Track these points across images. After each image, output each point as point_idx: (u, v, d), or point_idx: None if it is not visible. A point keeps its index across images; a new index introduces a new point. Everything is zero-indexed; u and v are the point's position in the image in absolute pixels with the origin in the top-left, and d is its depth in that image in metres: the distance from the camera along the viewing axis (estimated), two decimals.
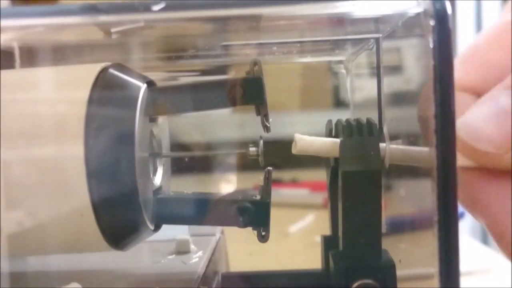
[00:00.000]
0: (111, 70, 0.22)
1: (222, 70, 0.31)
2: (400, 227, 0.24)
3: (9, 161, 0.20)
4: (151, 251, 0.28)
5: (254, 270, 0.29)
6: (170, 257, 0.28)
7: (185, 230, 0.29)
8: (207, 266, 0.27)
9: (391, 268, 0.21)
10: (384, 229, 0.24)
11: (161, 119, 0.25)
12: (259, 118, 0.24)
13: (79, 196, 0.20)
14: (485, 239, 0.80)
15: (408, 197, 0.24)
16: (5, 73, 0.22)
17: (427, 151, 0.18)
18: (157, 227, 0.23)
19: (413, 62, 0.22)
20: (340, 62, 0.30)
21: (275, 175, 0.24)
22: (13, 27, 0.20)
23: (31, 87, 0.22)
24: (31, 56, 0.22)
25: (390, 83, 0.25)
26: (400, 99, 0.26)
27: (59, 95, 0.22)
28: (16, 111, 0.21)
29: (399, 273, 0.22)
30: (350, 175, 0.21)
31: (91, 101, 0.20)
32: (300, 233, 0.56)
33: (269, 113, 0.23)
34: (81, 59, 0.27)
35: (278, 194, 0.67)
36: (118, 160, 0.20)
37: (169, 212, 0.24)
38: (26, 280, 0.24)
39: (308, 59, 0.31)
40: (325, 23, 0.22)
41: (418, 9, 0.18)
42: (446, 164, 0.18)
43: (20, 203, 0.21)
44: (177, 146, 0.28)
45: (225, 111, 0.28)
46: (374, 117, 0.25)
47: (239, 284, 0.28)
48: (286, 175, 0.76)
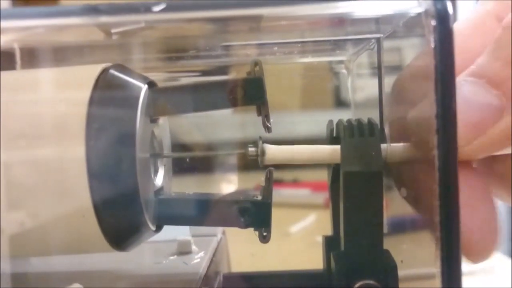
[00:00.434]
0: (112, 71, 0.22)
1: (223, 70, 0.31)
2: (402, 227, 0.24)
3: (11, 161, 0.20)
4: (152, 251, 0.28)
5: (255, 270, 0.29)
6: (172, 257, 0.28)
7: (186, 231, 0.29)
8: (209, 267, 0.27)
9: (393, 268, 0.21)
10: (385, 229, 0.24)
11: (162, 119, 0.25)
12: (259, 118, 0.23)
13: (80, 197, 0.20)
14: None
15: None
16: (6, 74, 0.22)
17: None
18: (158, 228, 0.23)
19: None
20: (341, 62, 0.30)
21: (276, 175, 0.24)
22: (13, 28, 0.20)
23: (32, 88, 0.22)
24: (31, 57, 0.22)
25: (391, 83, 0.25)
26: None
27: (60, 95, 0.22)
28: (17, 111, 0.21)
29: (401, 273, 0.22)
30: (351, 176, 0.21)
31: (92, 101, 0.21)
32: (301, 233, 0.56)
33: (270, 113, 0.23)
34: (81, 59, 0.27)
35: (279, 194, 0.67)
36: (119, 161, 0.20)
37: (170, 213, 0.24)
38: (28, 281, 0.24)
39: (309, 59, 0.30)
40: (326, 23, 0.22)
41: (419, 9, 0.18)
42: (447, 164, 0.18)
43: (22, 204, 0.21)
44: (177, 146, 0.28)
45: (226, 111, 0.28)
46: (375, 116, 0.25)
47: (240, 284, 0.28)
48: (287, 175, 0.75)
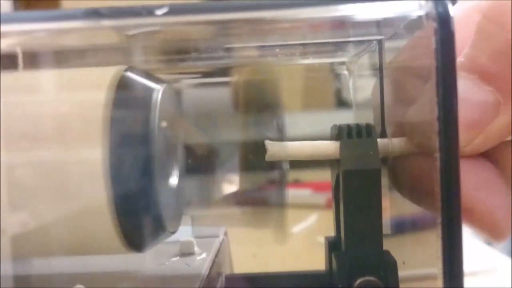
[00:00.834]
0: (128, 73, 0.22)
1: (225, 72, 0.31)
2: (404, 228, 0.24)
3: (14, 163, 0.20)
4: (155, 253, 0.28)
5: (257, 271, 0.29)
6: (174, 259, 0.28)
7: (189, 232, 0.29)
8: (211, 268, 0.27)
9: (393, 266, 0.21)
10: (387, 230, 0.24)
11: (175, 120, 0.25)
12: (260, 119, 0.24)
13: (97, 198, 0.20)
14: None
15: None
16: (9, 75, 0.22)
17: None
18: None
19: None
20: (342, 63, 0.30)
21: (277, 175, 0.24)
22: (16, 32, 0.20)
23: (36, 90, 0.22)
24: (33, 60, 0.22)
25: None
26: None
27: (77, 97, 0.22)
28: (20, 113, 0.21)
29: (403, 273, 0.22)
30: (350, 174, 0.21)
31: (109, 103, 0.20)
32: (303, 233, 0.56)
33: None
34: (83, 62, 0.27)
35: None
36: (137, 161, 0.20)
37: None
38: (30, 282, 0.24)
39: (310, 60, 0.31)
40: (327, 26, 0.22)
41: (420, 12, 0.18)
42: (449, 166, 0.18)
43: (24, 204, 0.21)
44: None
45: (227, 112, 0.28)
46: (376, 116, 0.25)
47: (242, 285, 0.28)
48: (288, 175, 0.75)
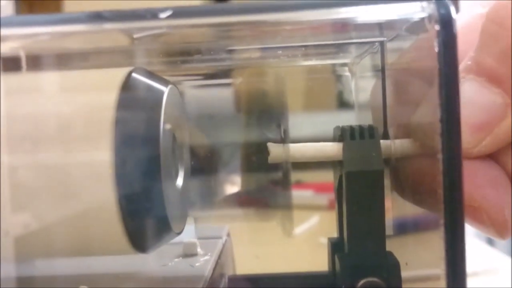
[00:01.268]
0: (135, 74, 0.22)
1: (228, 74, 0.31)
2: (406, 228, 0.24)
3: (23, 164, 0.20)
4: (158, 254, 0.28)
5: (260, 272, 0.29)
6: (177, 260, 0.28)
7: (192, 233, 0.29)
8: (214, 269, 0.27)
9: (396, 267, 0.22)
10: (390, 231, 0.24)
11: (181, 121, 0.25)
12: (260, 118, 0.24)
13: (104, 199, 0.20)
14: (490, 240, 0.80)
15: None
16: (15, 77, 0.22)
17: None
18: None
19: None
20: (344, 65, 0.30)
21: (278, 175, 0.24)
22: (19, 35, 0.20)
23: (44, 92, 0.22)
24: (40, 62, 0.22)
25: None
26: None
27: (85, 98, 0.22)
28: (28, 115, 0.21)
29: (406, 274, 0.22)
30: (353, 175, 0.22)
31: (116, 104, 0.20)
32: (305, 234, 0.56)
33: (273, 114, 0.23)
34: (87, 64, 0.27)
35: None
36: (144, 163, 0.20)
37: None
38: (33, 284, 0.24)
39: (312, 62, 0.31)
40: (330, 28, 0.22)
41: (423, 14, 0.18)
42: (452, 167, 0.18)
43: (31, 206, 0.21)
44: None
45: (230, 113, 0.28)
46: (375, 117, 0.25)
47: (245, 286, 0.28)
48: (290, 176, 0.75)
